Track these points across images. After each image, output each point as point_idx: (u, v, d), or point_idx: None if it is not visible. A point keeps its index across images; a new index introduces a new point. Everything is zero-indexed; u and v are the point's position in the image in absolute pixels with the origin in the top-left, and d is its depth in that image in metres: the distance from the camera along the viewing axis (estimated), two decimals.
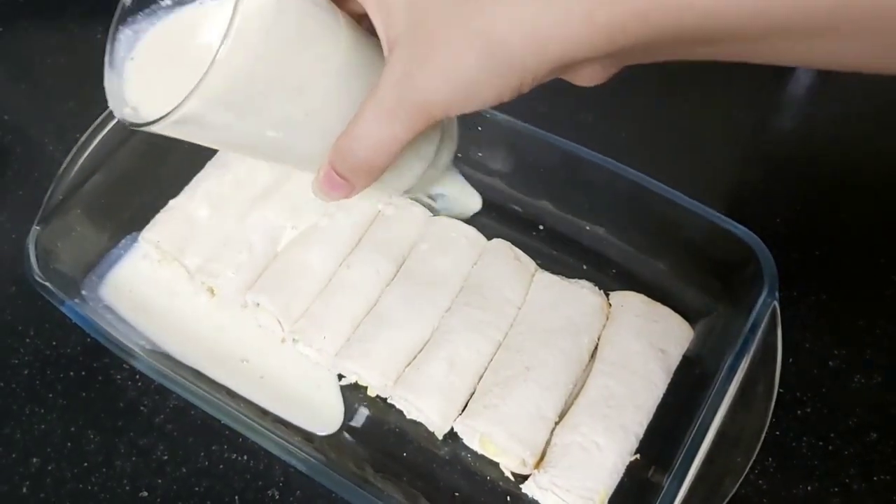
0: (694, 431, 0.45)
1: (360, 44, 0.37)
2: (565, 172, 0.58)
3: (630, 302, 0.55)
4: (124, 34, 0.37)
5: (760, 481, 0.50)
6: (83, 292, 0.55)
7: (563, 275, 0.57)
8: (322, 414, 0.52)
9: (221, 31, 0.30)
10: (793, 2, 0.26)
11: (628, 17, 0.28)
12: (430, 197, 0.52)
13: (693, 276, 0.56)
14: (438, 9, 0.31)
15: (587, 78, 0.33)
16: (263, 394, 0.53)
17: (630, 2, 0.28)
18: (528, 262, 0.58)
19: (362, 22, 0.37)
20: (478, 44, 0.30)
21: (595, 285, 0.56)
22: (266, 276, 0.56)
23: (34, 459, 0.52)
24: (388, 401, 0.53)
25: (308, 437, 0.51)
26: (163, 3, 0.38)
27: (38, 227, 0.52)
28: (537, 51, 0.30)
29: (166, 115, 0.32)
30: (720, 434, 0.45)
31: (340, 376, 0.54)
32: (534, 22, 0.29)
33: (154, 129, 0.34)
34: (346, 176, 0.36)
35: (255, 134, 0.36)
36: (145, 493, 0.50)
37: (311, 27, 0.35)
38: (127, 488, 0.51)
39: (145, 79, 0.37)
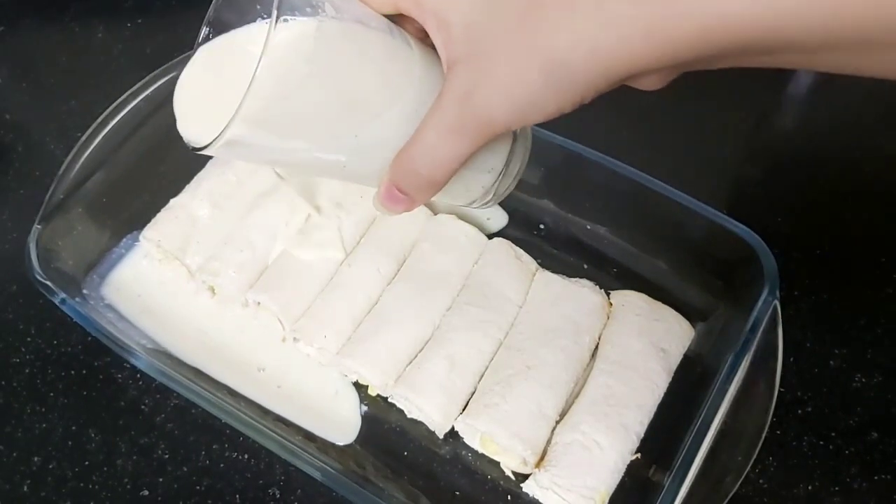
0: (695, 430, 0.45)
1: (419, 62, 0.36)
2: (566, 171, 0.58)
3: (631, 301, 0.55)
4: None
5: (761, 480, 0.50)
6: (84, 291, 0.55)
7: (563, 274, 0.57)
8: (339, 424, 0.52)
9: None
10: (853, 19, 0.26)
11: (691, 34, 0.28)
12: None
13: (694, 276, 0.56)
14: (498, 27, 0.32)
15: (646, 84, 0.34)
16: (280, 402, 0.52)
17: (692, 19, 0.28)
18: (529, 261, 0.58)
19: (425, 40, 0.37)
20: (539, 62, 0.31)
21: (596, 284, 0.56)
22: (267, 274, 0.56)
23: (35, 458, 0.52)
24: (389, 399, 0.53)
25: (309, 436, 0.51)
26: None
27: (39, 226, 0.52)
28: (598, 68, 0.30)
29: (213, 140, 0.32)
30: (721, 433, 0.46)
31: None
32: (595, 40, 0.29)
33: (206, 152, 0.33)
34: (406, 191, 0.37)
35: (308, 155, 0.35)
36: (146, 492, 0.50)
37: (360, 48, 0.34)
38: (128, 487, 0.51)
39: (192, 92, 0.37)
